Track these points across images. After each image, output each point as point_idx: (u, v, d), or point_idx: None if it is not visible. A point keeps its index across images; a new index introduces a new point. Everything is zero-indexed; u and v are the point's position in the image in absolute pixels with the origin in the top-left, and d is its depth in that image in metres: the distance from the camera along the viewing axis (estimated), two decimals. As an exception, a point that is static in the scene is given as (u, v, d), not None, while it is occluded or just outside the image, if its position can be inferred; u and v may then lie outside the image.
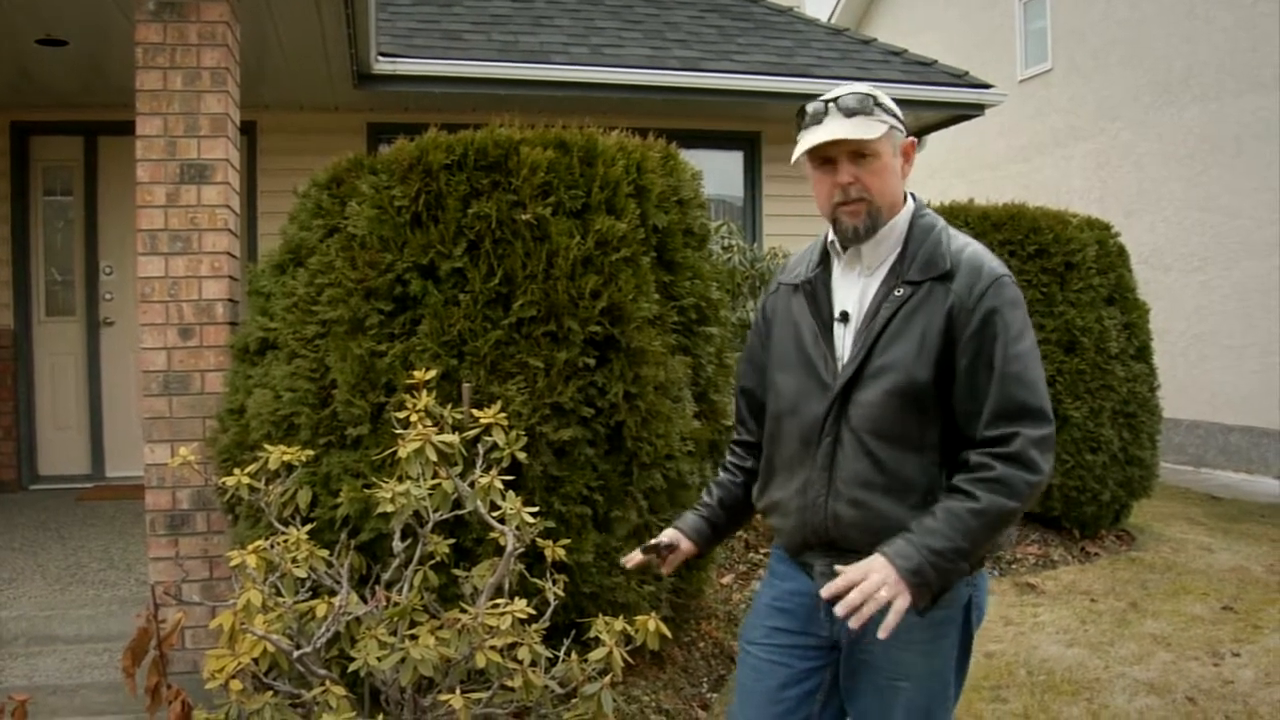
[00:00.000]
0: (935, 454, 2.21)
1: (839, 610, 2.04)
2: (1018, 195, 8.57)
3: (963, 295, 2.18)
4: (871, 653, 2.28)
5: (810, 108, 2.29)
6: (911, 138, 2.35)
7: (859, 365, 2.24)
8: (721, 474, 2.68)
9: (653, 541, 2.56)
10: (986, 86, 9.16)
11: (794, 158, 2.33)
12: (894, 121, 2.28)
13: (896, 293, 2.24)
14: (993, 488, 2.09)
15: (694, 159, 5.02)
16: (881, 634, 2.01)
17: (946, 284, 2.21)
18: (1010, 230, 7.42)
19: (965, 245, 2.28)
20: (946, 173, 14.88)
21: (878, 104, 2.27)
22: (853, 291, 2.33)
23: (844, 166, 2.26)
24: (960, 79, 9.15)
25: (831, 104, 2.26)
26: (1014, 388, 2.14)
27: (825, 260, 2.40)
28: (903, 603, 2.03)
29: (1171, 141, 11.91)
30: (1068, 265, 7.40)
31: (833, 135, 2.23)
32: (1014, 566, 6.90)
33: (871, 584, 2.03)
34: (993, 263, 2.24)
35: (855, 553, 2.25)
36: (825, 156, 2.27)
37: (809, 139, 2.26)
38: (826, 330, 2.34)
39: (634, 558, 2.56)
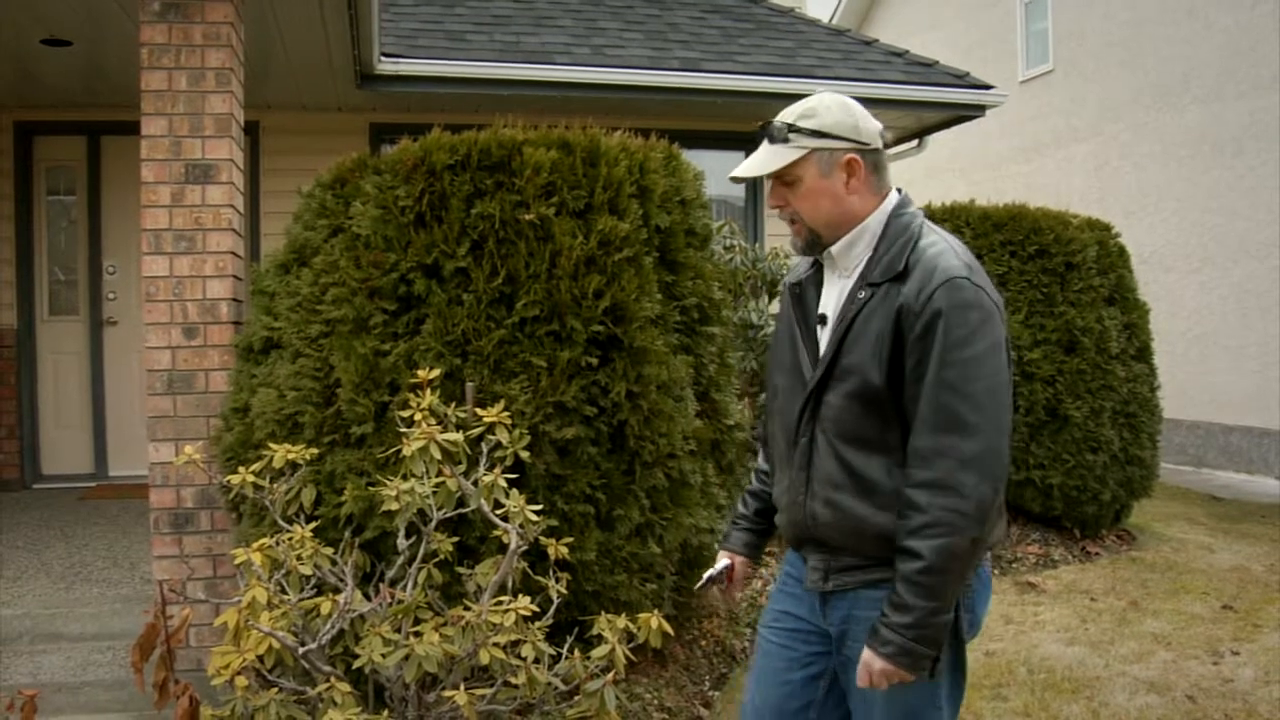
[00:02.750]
0: (900, 456, 2.19)
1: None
2: (1019, 196, 8.59)
3: (910, 297, 2.15)
4: (854, 650, 2.29)
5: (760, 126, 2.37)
6: (850, 155, 2.27)
7: (827, 368, 2.25)
8: (754, 483, 2.70)
9: (709, 574, 2.63)
10: (987, 87, 9.18)
11: (729, 176, 2.45)
12: (817, 143, 2.26)
13: (860, 295, 2.24)
14: (929, 534, 2.07)
15: (696, 159, 5.04)
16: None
17: (899, 285, 2.18)
18: (1011, 231, 7.44)
19: (930, 245, 2.23)
20: (948, 173, 14.90)
21: (795, 129, 2.27)
22: (833, 293, 2.35)
23: (775, 191, 2.34)
24: (961, 80, 9.16)
25: (761, 129, 2.34)
26: (948, 396, 2.10)
27: (819, 262, 2.43)
28: (909, 677, 2.14)
29: (1172, 142, 11.92)
30: (1068, 266, 7.42)
31: (738, 172, 2.37)
32: (1014, 566, 6.92)
33: (894, 675, 2.15)
34: (949, 263, 2.18)
35: (843, 549, 2.29)
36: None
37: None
38: (811, 332, 2.37)
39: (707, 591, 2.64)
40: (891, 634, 2.10)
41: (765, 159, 2.30)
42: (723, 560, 2.63)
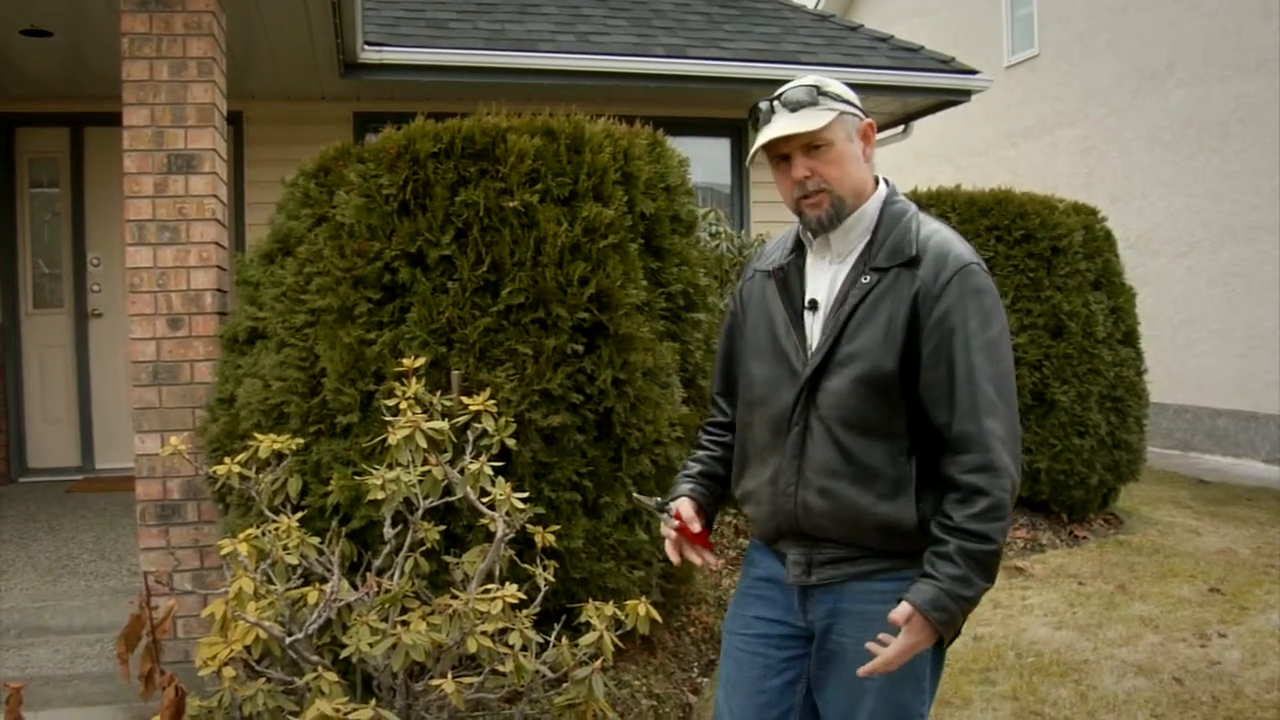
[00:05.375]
0: (904, 442, 2.18)
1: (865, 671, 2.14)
2: (1004, 181, 8.58)
3: (928, 282, 2.15)
4: (841, 644, 2.27)
5: (761, 106, 2.29)
6: (869, 120, 2.31)
7: (826, 353, 2.22)
8: (698, 452, 2.63)
9: (650, 501, 2.51)
10: (973, 72, 9.16)
11: (748, 160, 2.35)
12: (844, 107, 2.25)
13: (863, 279, 2.21)
14: (994, 516, 2.08)
15: (681, 146, 5.02)
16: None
17: (913, 270, 2.17)
18: (997, 216, 7.44)
19: (934, 232, 2.24)
20: (934, 159, 14.90)
21: (823, 93, 2.24)
22: (823, 279, 2.31)
23: (798, 161, 2.25)
24: (947, 65, 9.14)
25: (777, 101, 2.26)
26: (981, 380, 2.11)
27: (799, 248, 2.39)
28: (928, 644, 2.13)
29: (1158, 127, 11.93)
30: (1054, 250, 7.42)
31: (777, 132, 2.22)
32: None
33: (921, 649, 2.12)
34: (960, 249, 2.21)
35: (828, 541, 2.25)
36: (780, 154, 2.27)
37: (758, 139, 2.27)
38: (798, 319, 2.31)
39: (668, 537, 2.46)
40: (953, 605, 2.08)
41: (801, 121, 2.22)
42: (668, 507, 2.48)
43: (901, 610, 2.09)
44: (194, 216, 4.76)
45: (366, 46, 7.39)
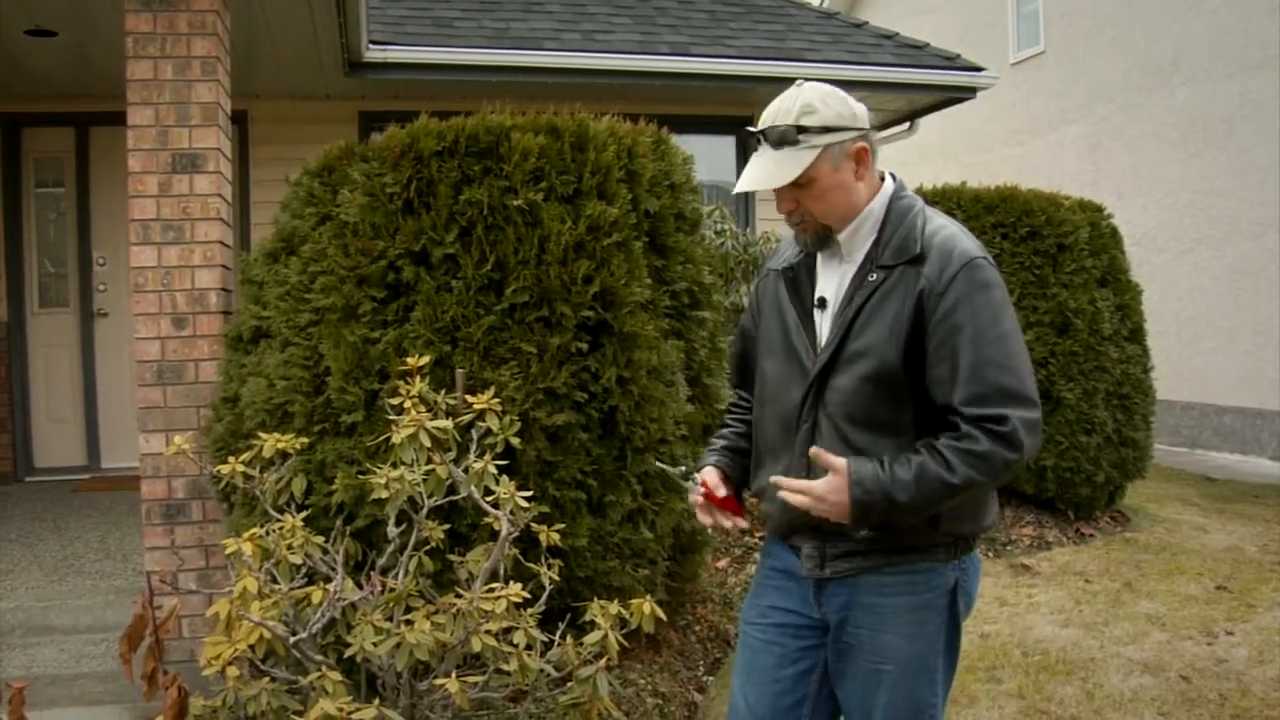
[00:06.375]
0: (910, 438, 2.19)
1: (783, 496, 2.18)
2: (1010, 178, 8.55)
3: (933, 279, 2.15)
4: (856, 636, 2.30)
5: (753, 133, 2.28)
6: (861, 142, 2.26)
7: (834, 351, 2.23)
8: (722, 429, 2.65)
9: (674, 470, 2.52)
10: (978, 69, 9.15)
11: (733, 193, 2.38)
12: (827, 140, 2.21)
13: (870, 278, 2.22)
14: (972, 462, 2.07)
15: (686, 144, 5.00)
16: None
17: (918, 267, 2.17)
18: (1003, 213, 7.42)
19: (940, 228, 2.24)
20: (939, 156, 14.86)
21: (804, 130, 2.20)
22: (832, 277, 2.32)
23: (783, 194, 2.27)
24: (952, 62, 9.14)
25: (761, 135, 2.25)
26: (995, 372, 2.11)
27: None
28: (829, 512, 2.15)
29: (1163, 123, 11.90)
30: (1060, 247, 7.40)
31: (749, 184, 2.26)
32: (1009, 548, 6.92)
33: (819, 506, 2.14)
34: (966, 244, 2.20)
35: (840, 536, 2.26)
36: None
37: (739, 182, 2.30)
38: (808, 317, 2.33)
39: (696, 503, 2.46)
40: (879, 497, 2.10)
41: (778, 168, 2.21)
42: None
43: (835, 460, 2.13)
44: (198, 216, 4.76)
45: (371, 45, 7.40)
